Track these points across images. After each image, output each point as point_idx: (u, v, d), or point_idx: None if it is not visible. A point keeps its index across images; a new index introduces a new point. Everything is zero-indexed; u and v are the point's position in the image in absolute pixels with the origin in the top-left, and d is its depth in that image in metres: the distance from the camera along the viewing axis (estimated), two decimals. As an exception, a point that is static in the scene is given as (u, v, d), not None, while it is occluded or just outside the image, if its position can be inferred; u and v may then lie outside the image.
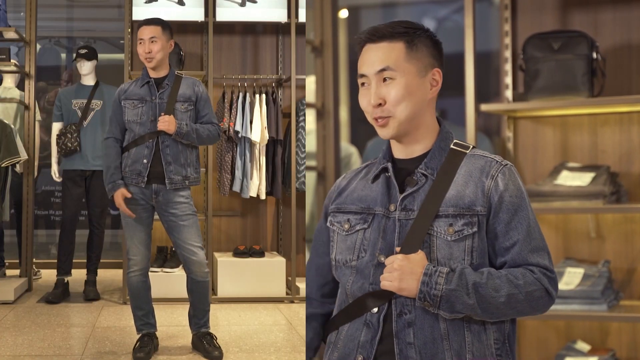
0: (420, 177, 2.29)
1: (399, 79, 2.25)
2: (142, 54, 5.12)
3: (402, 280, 2.17)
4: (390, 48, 2.27)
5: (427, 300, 2.16)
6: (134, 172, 5.05)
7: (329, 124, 4.10)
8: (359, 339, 2.27)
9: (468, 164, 2.30)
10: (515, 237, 2.24)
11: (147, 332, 5.23)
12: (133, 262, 5.14)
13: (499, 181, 2.26)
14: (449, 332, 2.21)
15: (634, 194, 4.52)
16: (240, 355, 5.29)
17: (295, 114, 7.28)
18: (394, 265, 2.18)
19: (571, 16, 4.62)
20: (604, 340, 4.59)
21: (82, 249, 7.49)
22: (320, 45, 4.68)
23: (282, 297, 7.14)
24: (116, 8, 10.66)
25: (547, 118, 4.70)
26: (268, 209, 7.80)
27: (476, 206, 2.24)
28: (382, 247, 2.28)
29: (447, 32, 4.31)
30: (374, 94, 2.26)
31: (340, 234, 2.38)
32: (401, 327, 2.22)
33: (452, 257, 2.22)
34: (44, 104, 9.75)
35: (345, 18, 4.33)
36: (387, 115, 2.26)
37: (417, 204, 2.26)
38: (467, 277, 2.17)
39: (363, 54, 2.31)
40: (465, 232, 2.22)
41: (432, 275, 2.17)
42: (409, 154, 2.34)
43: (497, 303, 2.18)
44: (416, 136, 2.32)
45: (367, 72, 2.28)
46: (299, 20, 7.28)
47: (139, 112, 5.09)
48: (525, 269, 2.23)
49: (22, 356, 5.20)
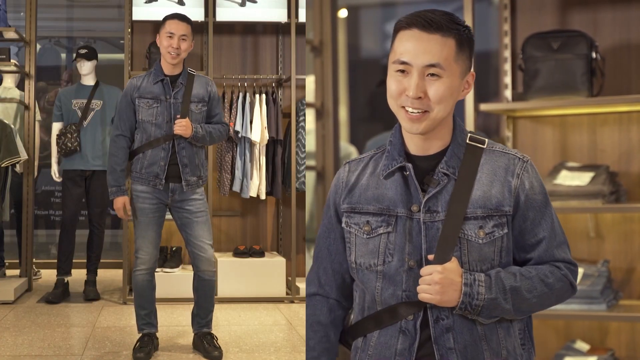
0: (441, 176, 2.22)
1: (445, 79, 2.16)
2: (168, 48, 5.07)
3: (444, 293, 2.13)
4: (442, 43, 2.15)
5: (467, 309, 2.14)
6: (150, 174, 5.07)
7: (328, 124, 4.12)
8: (395, 347, 2.22)
9: (490, 162, 2.25)
10: (541, 234, 2.23)
11: (147, 332, 5.25)
12: (141, 261, 5.16)
13: (525, 180, 2.23)
14: (485, 332, 2.20)
15: (633, 193, 4.52)
16: (240, 355, 5.31)
17: (295, 114, 7.30)
18: (434, 278, 2.12)
19: (570, 16, 4.63)
20: (603, 340, 4.60)
21: (82, 249, 7.50)
22: (319, 45, 4.70)
23: (282, 297, 7.17)
24: (116, 8, 10.66)
25: (547, 118, 4.70)
26: (268, 209, 7.82)
27: (504, 206, 2.20)
28: (410, 252, 2.21)
29: None
30: (416, 86, 2.14)
31: (359, 236, 2.30)
32: (440, 332, 2.18)
33: (483, 259, 2.19)
34: (44, 104, 9.76)
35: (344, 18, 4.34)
36: (424, 110, 2.16)
37: (441, 205, 2.20)
38: (503, 281, 2.16)
39: (408, 39, 2.17)
40: (497, 234, 2.19)
41: (473, 285, 2.14)
42: (426, 150, 2.26)
43: (530, 303, 2.19)
44: (437, 133, 2.23)
45: (413, 62, 2.15)
46: (299, 20, 7.30)
47: (154, 113, 5.08)
48: (552, 265, 2.23)
49: (22, 356, 5.22)
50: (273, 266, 7.22)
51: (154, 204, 5.12)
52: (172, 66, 5.14)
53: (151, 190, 5.10)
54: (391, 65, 2.20)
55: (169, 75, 5.15)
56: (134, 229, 5.24)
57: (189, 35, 5.13)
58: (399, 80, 2.18)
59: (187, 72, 5.22)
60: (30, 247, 7.53)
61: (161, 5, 7.29)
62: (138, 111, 5.10)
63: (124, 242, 7.13)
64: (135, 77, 5.25)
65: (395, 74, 2.19)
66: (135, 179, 5.13)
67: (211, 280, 5.27)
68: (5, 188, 6.99)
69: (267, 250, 7.76)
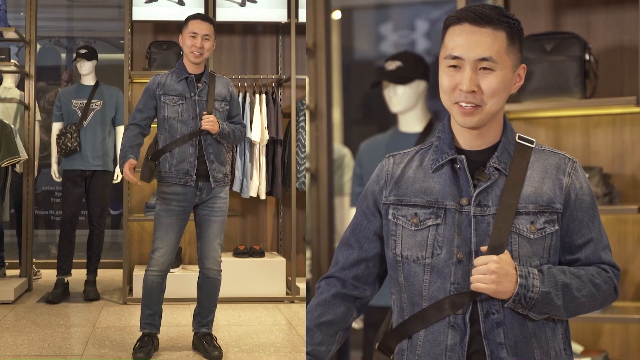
0: (492, 171, 2.24)
1: (497, 72, 2.18)
2: (192, 47, 5.14)
3: (500, 283, 2.12)
4: (494, 36, 2.18)
5: (521, 302, 2.14)
6: (181, 171, 5.11)
7: (322, 126, 4.15)
8: (445, 343, 2.20)
9: (540, 160, 2.27)
10: (588, 235, 2.25)
11: (148, 332, 5.28)
12: (155, 262, 5.19)
13: (575, 180, 2.25)
14: (535, 329, 2.20)
15: (627, 195, 4.53)
16: (240, 355, 5.35)
17: (295, 114, 7.33)
18: (490, 267, 2.12)
19: (564, 18, 4.63)
20: (597, 342, 4.60)
21: (82, 249, 7.53)
22: (313, 47, 4.74)
23: (282, 297, 7.20)
24: (116, 8, 10.69)
25: (540, 119, 4.71)
26: (268, 209, 7.85)
27: (555, 203, 2.22)
28: (459, 244, 2.21)
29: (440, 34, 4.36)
30: (470, 80, 2.16)
31: (407, 228, 2.28)
32: (490, 327, 2.18)
33: (533, 255, 2.19)
34: (44, 104, 9.78)
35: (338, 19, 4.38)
36: (477, 104, 2.18)
37: (491, 200, 2.21)
38: (555, 277, 2.17)
39: (460, 33, 2.20)
40: (548, 230, 2.21)
41: (528, 278, 2.14)
42: (477, 145, 2.28)
43: (578, 303, 2.20)
44: (489, 129, 2.26)
45: (465, 56, 2.18)
46: (299, 20, 7.33)
47: (179, 110, 5.14)
48: (599, 267, 2.25)
49: (22, 356, 5.23)
50: (273, 266, 7.26)
51: (180, 206, 5.15)
52: (195, 65, 5.21)
53: (180, 192, 5.13)
54: (443, 61, 2.22)
55: (192, 74, 5.22)
56: (155, 228, 5.24)
57: (211, 35, 5.21)
58: (451, 76, 2.20)
59: (209, 73, 5.30)
60: (30, 247, 7.55)
61: (161, 5, 7.33)
62: (163, 108, 5.16)
63: (124, 242, 7.18)
64: (158, 75, 5.30)
65: (447, 69, 2.21)
66: (164, 179, 5.16)
67: (216, 279, 5.32)
68: (5, 188, 6.99)
69: (267, 250, 7.79)
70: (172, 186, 5.12)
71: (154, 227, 5.26)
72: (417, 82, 4.11)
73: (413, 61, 4.13)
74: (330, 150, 4.17)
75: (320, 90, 4.19)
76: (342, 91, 4.41)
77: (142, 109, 5.20)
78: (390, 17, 4.38)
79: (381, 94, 4.22)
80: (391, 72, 4.11)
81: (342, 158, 4.64)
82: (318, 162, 4.57)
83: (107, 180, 7.32)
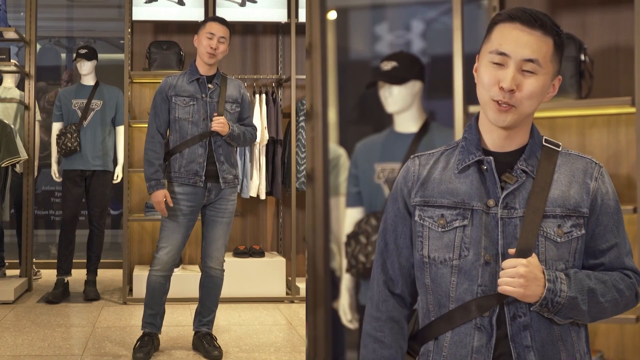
0: (520, 173, 2.24)
1: (539, 76, 2.18)
2: (207, 47, 5.20)
3: (528, 287, 2.11)
4: (543, 41, 2.18)
5: (548, 306, 2.14)
6: (190, 172, 5.15)
7: (318, 126, 4.18)
8: (471, 345, 2.20)
9: (567, 164, 2.28)
10: (612, 240, 2.26)
11: (149, 332, 5.31)
12: (159, 262, 5.21)
13: (602, 184, 2.25)
14: (561, 333, 2.20)
15: (622, 195, 4.44)
16: (240, 355, 5.38)
17: (295, 114, 7.37)
18: (519, 271, 2.11)
19: (559, 18, 4.58)
20: (592, 342, 4.59)
21: (82, 249, 7.56)
22: (308, 47, 4.77)
23: (282, 297, 7.24)
24: (116, 8, 10.73)
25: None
26: (268, 209, 7.89)
27: (582, 207, 2.22)
28: (487, 246, 2.20)
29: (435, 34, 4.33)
30: (512, 79, 2.16)
31: (434, 230, 2.27)
32: (517, 330, 2.18)
33: (559, 258, 2.19)
34: (44, 104, 9.81)
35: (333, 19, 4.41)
36: (513, 104, 2.18)
37: (519, 202, 2.21)
38: (581, 282, 2.17)
39: (510, 31, 2.20)
40: (574, 233, 2.21)
41: (556, 282, 2.14)
42: (505, 146, 2.27)
43: (602, 308, 2.20)
44: (518, 131, 2.26)
45: (513, 54, 2.18)
46: (299, 20, 7.38)
47: (190, 110, 5.18)
48: (622, 273, 2.25)
49: (22, 356, 5.27)
50: (273, 266, 7.29)
51: (188, 207, 5.18)
52: (207, 67, 5.26)
53: (189, 192, 5.17)
54: (486, 55, 2.22)
55: (204, 75, 5.27)
56: (161, 228, 5.26)
57: (227, 39, 5.28)
58: (493, 71, 2.20)
59: (221, 75, 5.35)
60: (30, 247, 7.58)
61: (161, 5, 7.38)
62: (174, 109, 5.19)
63: (124, 242, 7.21)
64: (170, 76, 5.34)
65: (489, 64, 2.20)
66: (173, 179, 5.19)
67: (218, 279, 5.37)
68: (5, 188, 7.02)
69: (267, 250, 7.83)
70: (181, 186, 5.16)
71: (160, 226, 5.28)
72: (413, 82, 4.12)
73: (408, 61, 4.14)
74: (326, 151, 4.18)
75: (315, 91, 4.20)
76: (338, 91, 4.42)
77: (159, 113, 5.23)
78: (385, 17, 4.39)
79: (377, 94, 4.23)
80: (387, 72, 4.12)
81: (337, 158, 4.65)
82: (313, 162, 4.58)
83: (107, 180, 7.34)
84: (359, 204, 4.33)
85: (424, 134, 4.13)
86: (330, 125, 4.41)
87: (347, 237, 4.30)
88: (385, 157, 4.19)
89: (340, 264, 4.47)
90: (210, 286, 5.39)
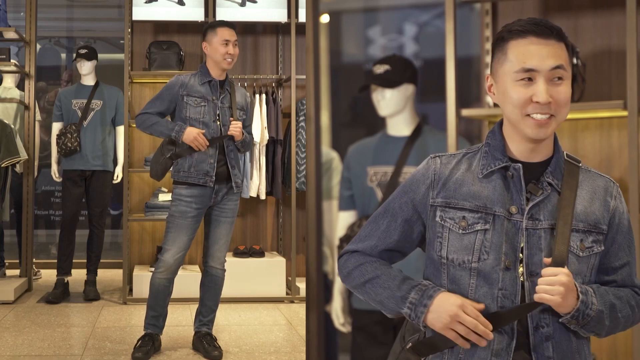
0: (546, 186, 2.26)
1: (566, 81, 2.21)
2: (225, 55, 5.30)
3: (566, 297, 2.13)
4: (559, 46, 2.22)
5: (578, 318, 2.16)
6: (200, 171, 5.22)
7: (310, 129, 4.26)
8: (492, 347, 2.20)
9: (589, 180, 2.31)
10: (625, 258, 2.30)
11: (150, 333, 5.38)
12: (163, 264, 5.27)
13: (619, 203, 2.31)
14: (578, 345, 2.24)
15: None
16: (240, 355, 5.45)
17: (295, 114, 7.45)
18: (562, 279, 2.12)
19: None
20: None
21: (82, 249, 7.64)
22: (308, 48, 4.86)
23: (282, 297, 7.32)
24: (116, 8, 10.79)
25: None
26: (268, 209, 7.96)
27: (602, 224, 2.26)
28: (507, 252, 2.22)
29: (428, 38, 4.39)
30: (545, 91, 2.17)
31: (454, 231, 2.29)
32: (539, 340, 2.19)
33: (578, 273, 2.21)
34: (44, 104, 9.88)
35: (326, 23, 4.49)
36: (551, 115, 2.20)
37: (543, 214, 2.23)
38: (604, 297, 2.20)
39: (527, 47, 2.22)
40: (595, 249, 2.25)
41: (587, 294, 2.16)
42: (531, 157, 2.29)
43: (617, 323, 2.24)
44: (547, 142, 2.28)
45: (539, 67, 2.19)
46: (299, 20, 7.46)
47: (201, 111, 5.26)
48: (632, 290, 2.31)
49: (22, 356, 5.33)
50: (273, 266, 7.37)
51: (195, 208, 5.25)
52: (220, 71, 5.37)
53: (197, 194, 5.23)
54: (512, 75, 2.23)
55: (216, 79, 5.37)
56: (166, 230, 5.30)
57: (237, 41, 5.41)
58: (522, 89, 2.21)
59: (229, 81, 5.46)
60: (30, 247, 7.64)
61: (161, 5, 7.46)
62: (184, 108, 5.26)
63: (124, 242, 7.29)
64: (181, 75, 5.42)
65: (517, 83, 2.22)
66: (182, 179, 5.25)
67: (219, 278, 5.47)
68: (5, 188, 7.06)
69: (267, 250, 7.90)
70: (189, 189, 5.22)
71: (165, 228, 5.32)
72: (405, 85, 4.12)
73: (401, 65, 4.14)
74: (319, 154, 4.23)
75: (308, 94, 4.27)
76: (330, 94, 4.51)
77: (158, 102, 5.32)
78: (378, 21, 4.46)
79: (369, 97, 4.25)
80: (379, 75, 4.13)
81: (330, 161, 4.70)
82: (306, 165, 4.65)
83: (107, 180, 7.42)
84: (352, 207, 4.36)
85: (416, 138, 4.14)
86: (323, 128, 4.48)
87: (339, 241, 4.33)
88: (378, 161, 4.21)
89: (333, 268, 4.47)
90: (211, 285, 5.47)
